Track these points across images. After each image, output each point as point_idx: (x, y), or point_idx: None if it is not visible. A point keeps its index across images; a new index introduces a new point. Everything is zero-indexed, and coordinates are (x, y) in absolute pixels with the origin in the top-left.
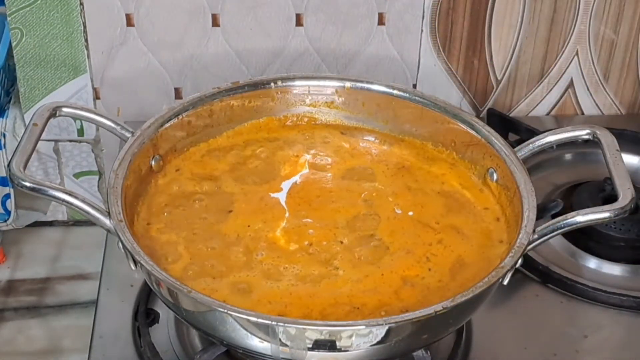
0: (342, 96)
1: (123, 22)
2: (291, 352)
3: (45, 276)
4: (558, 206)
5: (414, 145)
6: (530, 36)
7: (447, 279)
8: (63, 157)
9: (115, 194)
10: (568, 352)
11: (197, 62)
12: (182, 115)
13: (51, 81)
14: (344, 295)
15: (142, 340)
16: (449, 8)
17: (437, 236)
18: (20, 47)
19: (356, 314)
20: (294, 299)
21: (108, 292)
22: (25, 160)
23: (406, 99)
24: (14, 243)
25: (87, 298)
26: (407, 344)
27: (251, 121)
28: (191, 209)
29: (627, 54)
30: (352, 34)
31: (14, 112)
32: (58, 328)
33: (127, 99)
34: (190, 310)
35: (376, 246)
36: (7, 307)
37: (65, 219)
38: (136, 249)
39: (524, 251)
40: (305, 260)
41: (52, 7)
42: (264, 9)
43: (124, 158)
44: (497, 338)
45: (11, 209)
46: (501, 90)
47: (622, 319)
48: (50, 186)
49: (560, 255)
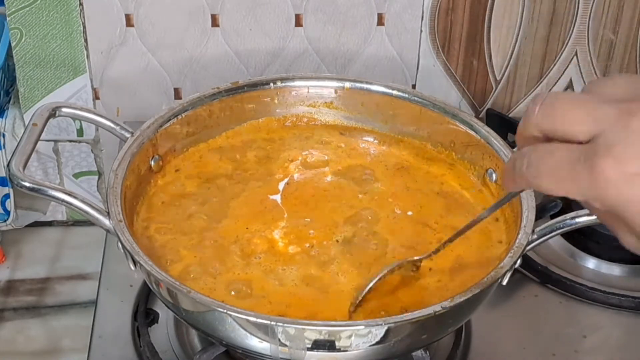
0: (341, 96)
1: (122, 23)
2: (290, 352)
3: (45, 276)
4: (557, 206)
5: (413, 146)
6: (530, 37)
7: (447, 279)
8: (62, 157)
9: (114, 194)
10: (567, 352)
11: (197, 62)
12: (182, 116)
13: (51, 81)
14: (343, 295)
15: (142, 340)
16: (448, 8)
17: (437, 236)
18: (19, 47)
19: (357, 312)
20: (294, 299)
21: (107, 292)
22: (25, 160)
23: (405, 99)
24: (13, 243)
25: (86, 298)
26: (407, 344)
27: (250, 121)
28: (190, 209)
29: (626, 55)
30: (352, 34)
31: (14, 112)
32: (57, 328)
33: (126, 99)
34: (189, 310)
35: (376, 245)
36: (7, 307)
37: (64, 219)
38: (135, 249)
39: (523, 251)
40: (305, 261)
41: (51, 8)
42: (263, 10)
43: (123, 158)
44: (496, 338)
45: (11, 209)
46: (500, 91)
47: (621, 320)
48: (49, 186)
49: (559, 255)
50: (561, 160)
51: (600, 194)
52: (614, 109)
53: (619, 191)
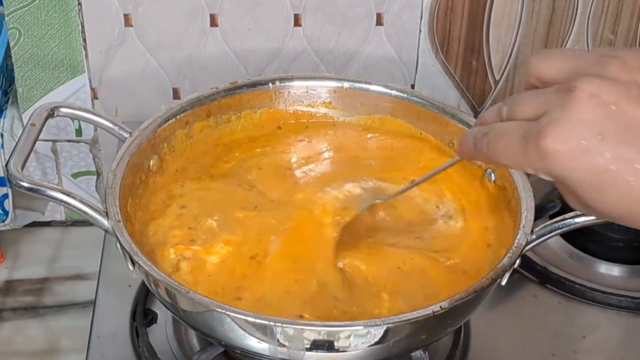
0: (340, 96)
1: (121, 23)
2: (289, 352)
3: (44, 276)
4: (556, 207)
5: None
6: (529, 37)
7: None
8: (61, 157)
9: (113, 194)
10: (566, 353)
11: (196, 62)
12: (180, 116)
13: (49, 81)
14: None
15: (140, 340)
16: (447, 8)
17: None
18: (18, 47)
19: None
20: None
21: (106, 293)
22: (23, 160)
23: (404, 99)
24: (12, 243)
25: (85, 298)
26: (405, 344)
27: (250, 121)
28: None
29: None
30: (351, 34)
31: (12, 112)
32: (56, 328)
33: (125, 99)
34: (188, 311)
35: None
36: (5, 307)
37: (63, 219)
38: (134, 250)
39: (522, 252)
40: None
41: (50, 7)
42: (262, 9)
43: (122, 158)
44: (495, 338)
45: (9, 209)
46: (499, 91)
47: (620, 320)
48: (48, 186)
49: (558, 255)
50: (514, 138)
51: (546, 166)
52: (554, 91)
53: (561, 164)
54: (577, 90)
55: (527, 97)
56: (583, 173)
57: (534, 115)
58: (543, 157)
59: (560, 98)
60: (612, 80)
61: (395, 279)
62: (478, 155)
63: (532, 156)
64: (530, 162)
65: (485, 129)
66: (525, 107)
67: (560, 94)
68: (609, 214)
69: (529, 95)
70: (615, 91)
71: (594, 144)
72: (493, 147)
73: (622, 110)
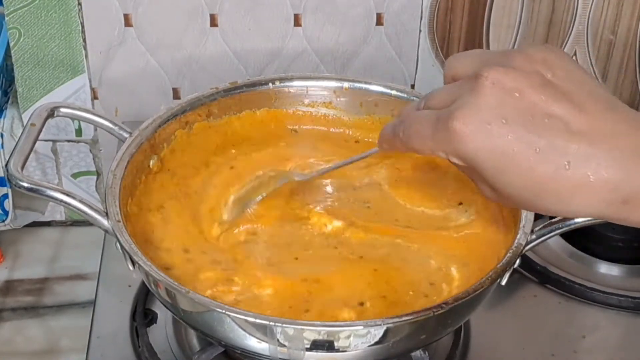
0: (340, 96)
1: (121, 23)
2: (289, 352)
3: (44, 276)
4: None
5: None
6: (529, 37)
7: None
8: (61, 157)
9: (113, 194)
10: (566, 353)
11: (195, 62)
12: (180, 116)
13: (49, 81)
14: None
15: (140, 340)
16: (447, 8)
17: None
18: (18, 47)
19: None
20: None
21: (106, 293)
22: (23, 160)
23: (404, 99)
24: (11, 243)
25: (85, 298)
26: (405, 344)
27: (249, 121)
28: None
29: (625, 55)
30: (351, 34)
31: (12, 112)
32: (56, 328)
33: (125, 99)
34: (188, 311)
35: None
36: (5, 307)
37: (63, 219)
38: (134, 250)
39: (521, 251)
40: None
41: (50, 7)
42: (262, 9)
43: (122, 158)
44: (495, 338)
45: (9, 209)
46: None
47: (620, 320)
48: (48, 186)
49: (558, 255)
50: (427, 122)
51: (455, 148)
52: (465, 80)
53: (467, 144)
54: (482, 77)
55: (442, 88)
56: (487, 154)
57: (447, 103)
58: (451, 138)
59: (469, 85)
60: (516, 69)
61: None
62: (396, 142)
63: (441, 137)
64: (440, 144)
65: (403, 117)
66: (439, 97)
67: (469, 81)
68: (518, 198)
69: (444, 87)
70: (518, 79)
71: (497, 126)
72: (407, 132)
73: (525, 97)
